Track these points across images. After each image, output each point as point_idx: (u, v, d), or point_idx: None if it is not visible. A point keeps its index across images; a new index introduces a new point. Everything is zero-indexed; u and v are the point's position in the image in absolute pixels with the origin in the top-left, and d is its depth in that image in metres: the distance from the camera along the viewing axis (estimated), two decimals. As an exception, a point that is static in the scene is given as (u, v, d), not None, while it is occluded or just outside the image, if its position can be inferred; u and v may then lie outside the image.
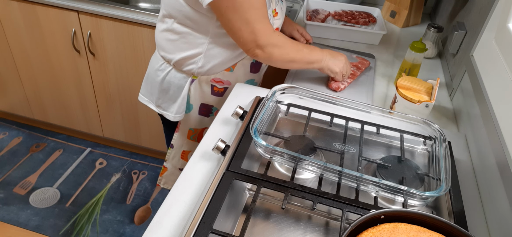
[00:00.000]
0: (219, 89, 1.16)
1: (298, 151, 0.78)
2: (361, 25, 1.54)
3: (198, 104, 1.18)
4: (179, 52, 1.08)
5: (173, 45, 1.08)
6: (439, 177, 0.71)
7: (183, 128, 1.23)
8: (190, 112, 1.19)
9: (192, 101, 1.16)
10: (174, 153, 1.31)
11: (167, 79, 1.14)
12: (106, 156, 2.18)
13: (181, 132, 1.24)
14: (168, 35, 1.07)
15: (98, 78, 1.88)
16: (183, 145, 1.28)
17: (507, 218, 0.68)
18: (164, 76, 1.14)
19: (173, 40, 1.07)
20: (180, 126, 1.23)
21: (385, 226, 0.54)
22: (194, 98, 1.16)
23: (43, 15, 1.73)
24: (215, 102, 1.19)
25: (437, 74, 1.33)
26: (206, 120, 1.22)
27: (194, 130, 1.24)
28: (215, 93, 1.16)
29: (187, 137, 1.26)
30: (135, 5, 1.92)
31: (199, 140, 1.27)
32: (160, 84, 1.16)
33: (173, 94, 1.15)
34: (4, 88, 2.13)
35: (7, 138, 2.23)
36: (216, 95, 1.17)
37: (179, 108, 1.16)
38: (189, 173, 0.78)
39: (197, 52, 1.06)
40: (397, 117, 0.87)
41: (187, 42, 1.05)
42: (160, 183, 1.41)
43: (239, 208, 0.73)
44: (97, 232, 1.77)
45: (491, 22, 0.99)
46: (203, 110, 1.20)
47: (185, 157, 1.32)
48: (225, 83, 1.15)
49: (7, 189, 1.93)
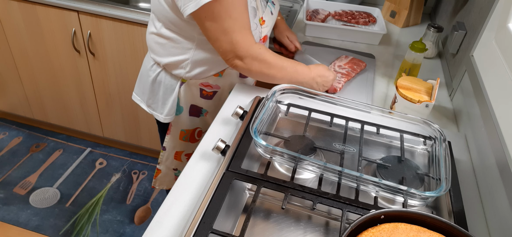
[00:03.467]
0: (208, 93, 1.15)
1: (298, 151, 0.78)
2: (361, 25, 1.54)
3: (188, 105, 1.17)
4: (167, 56, 1.07)
5: (162, 49, 1.07)
6: (439, 177, 0.71)
7: (174, 130, 1.23)
8: (180, 114, 1.18)
9: (182, 103, 1.16)
10: (167, 155, 1.30)
11: (158, 80, 1.13)
12: (106, 156, 2.18)
13: (173, 134, 1.24)
14: (157, 38, 1.07)
15: (98, 78, 1.88)
16: (176, 146, 1.28)
17: (507, 218, 0.68)
18: (155, 77, 1.13)
19: (162, 44, 1.07)
20: (171, 128, 1.22)
21: (385, 226, 0.54)
22: (184, 100, 1.15)
23: (43, 15, 1.73)
24: (204, 105, 1.18)
25: (437, 74, 1.33)
26: (197, 121, 1.22)
27: (186, 131, 1.24)
28: (204, 96, 1.16)
29: (179, 139, 1.25)
30: (135, 5, 1.92)
31: (192, 141, 1.27)
32: (151, 85, 1.16)
33: (163, 95, 1.15)
34: (4, 88, 2.13)
35: (7, 138, 2.23)
36: (205, 98, 1.16)
37: (169, 109, 1.15)
38: (189, 173, 0.78)
39: (184, 57, 1.06)
40: (397, 117, 0.87)
41: (174, 47, 1.05)
42: (155, 185, 1.41)
43: (239, 208, 0.73)
44: (97, 232, 1.77)
45: (491, 22, 0.99)
46: (193, 111, 1.19)
47: (178, 157, 1.31)
48: (214, 87, 1.14)
49: (7, 189, 1.93)
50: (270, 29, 1.09)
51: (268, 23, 1.05)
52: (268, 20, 1.05)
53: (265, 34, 1.06)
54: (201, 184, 0.76)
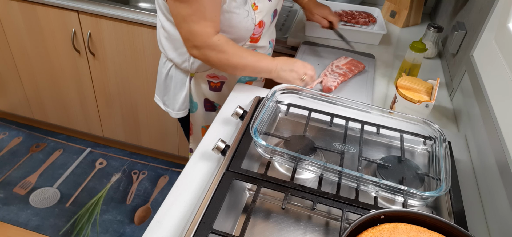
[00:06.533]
0: (215, 84, 1.17)
1: (298, 151, 0.78)
2: (361, 25, 1.54)
3: (202, 100, 1.19)
4: (172, 49, 1.10)
5: (168, 42, 1.10)
6: (439, 177, 0.71)
7: (195, 129, 1.25)
8: (196, 110, 1.21)
9: (195, 99, 1.18)
10: None
11: (169, 75, 1.17)
12: (106, 156, 2.18)
13: (195, 134, 1.26)
14: (162, 32, 1.10)
15: (98, 78, 1.88)
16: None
17: (507, 218, 0.68)
18: (167, 72, 1.16)
19: (166, 37, 1.10)
20: (193, 128, 1.25)
21: (385, 226, 0.54)
22: (196, 95, 1.17)
23: (43, 15, 1.73)
24: (215, 98, 1.20)
25: (437, 74, 1.33)
26: (214, 115, 1.23)
27: (207, 127, 1.26)
28: (213, 88, 1.18)
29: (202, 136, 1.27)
30: (135, 5, 1.92)
31: None
32: (164, 81, 1.19)
33: (174, 89, 1.17)
34: (4, 88, 2.13)
35: (7, 138, 2.23)
36: (214, 90, 1.18)
37: (181, 105, 1.18)
38: (189, 173, 0.78)
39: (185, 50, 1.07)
40: (397, 117, 0.87)
41: (176, 39, 1.07)
42: None
43: (239, 208, 0.73)
44: (97, 232, 1.77)
45: (491, 22, 0.99)
46: (208, 106, 1.21)
47: None
48: (221, 77, 1.16)
49: (7, 189, 1.93)
50: (267, 15, 1.07)
51: (262, 9, 1.04)
52: (262, 6, 1.04)
53: (260, 19, 1.05)
54: (201, 184, 0.76)
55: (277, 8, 1.12)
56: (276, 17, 1.16)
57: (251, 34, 1.06)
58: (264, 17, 1.07)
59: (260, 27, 1.07)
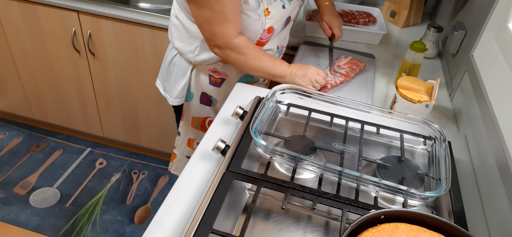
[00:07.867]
0: (216, 79, 1.19)
1: (298, 151, 0.78)
2: (361, 25, 1.54)
3: (199, 92, 1.22)
4: (180, 39, 1.13)
5: (177, 31, 1.13)
6: (439, 177, 0.71)
7: (186, 115, 1.28)
8: (191, 100, 1.23)
9: (192, 89, 1.20)
10: (181, 141, 1.36)
11: (173, 62, 1.19)
12: (106, 156, 2.18)
13: (185, 119, 1.29)
14: (174, 20, 1.13)
15: (98, 78, 1.88)
16: (188, 132, 1.33)
17: (507, 218, 0.68)
18: (171, 58, 1.19)
19: (177, 26, 1.12)
20: (184, 114, 1.28)
21: (385, 226, 0.54)
22: (195, 86, 1.20)
23: (43, 15, 1.73)
24: (213, 93, 1.22)
25: (437, 74, 1.33)
26: (207, 109, 1.25)
27: (197, 119, 1.28)
28: (213, 83, 1.20)
29: (191, 125, 1.30)
30: (135, 5, 1.92)
31: (203, 129, 1.31)
32: (168, 67, 1.22)
33: (175, 77, 1.20)
34: (4, 88, 2.13)
35: (7, 138, 2.23)
36: (214, 85, 1.20)
37: (179, 93, 1.21)
38: (189, 173, 0.78)
39: (194, 41, 1.11)
40: (397, 117, 0.87)
41: (186, 30, 1.10)
42: (171, 169, 1.47)
43: (239, 208, 0.73)
44: (97, 232, 1.77)
45: (491, 22, 0.99)
46: (204, 99, 1.23)
47: (191, 145, 1.36)
48: (222, 74, 1.18)
49: (7, 189, 1.93)
50: (278, 22, 1.09)
51: (274, 15, 1.06)
52: (275, 13, 1.06)
53: (270, 25, 1.06)
54: (201, 184, 0.76)
55: (291, 15, 1.14)
56: (290, 24, 1.18)
57: (259, 38, 1.07)
58: (275, 24, 1.08)
59: (269, 33, 1.08)
